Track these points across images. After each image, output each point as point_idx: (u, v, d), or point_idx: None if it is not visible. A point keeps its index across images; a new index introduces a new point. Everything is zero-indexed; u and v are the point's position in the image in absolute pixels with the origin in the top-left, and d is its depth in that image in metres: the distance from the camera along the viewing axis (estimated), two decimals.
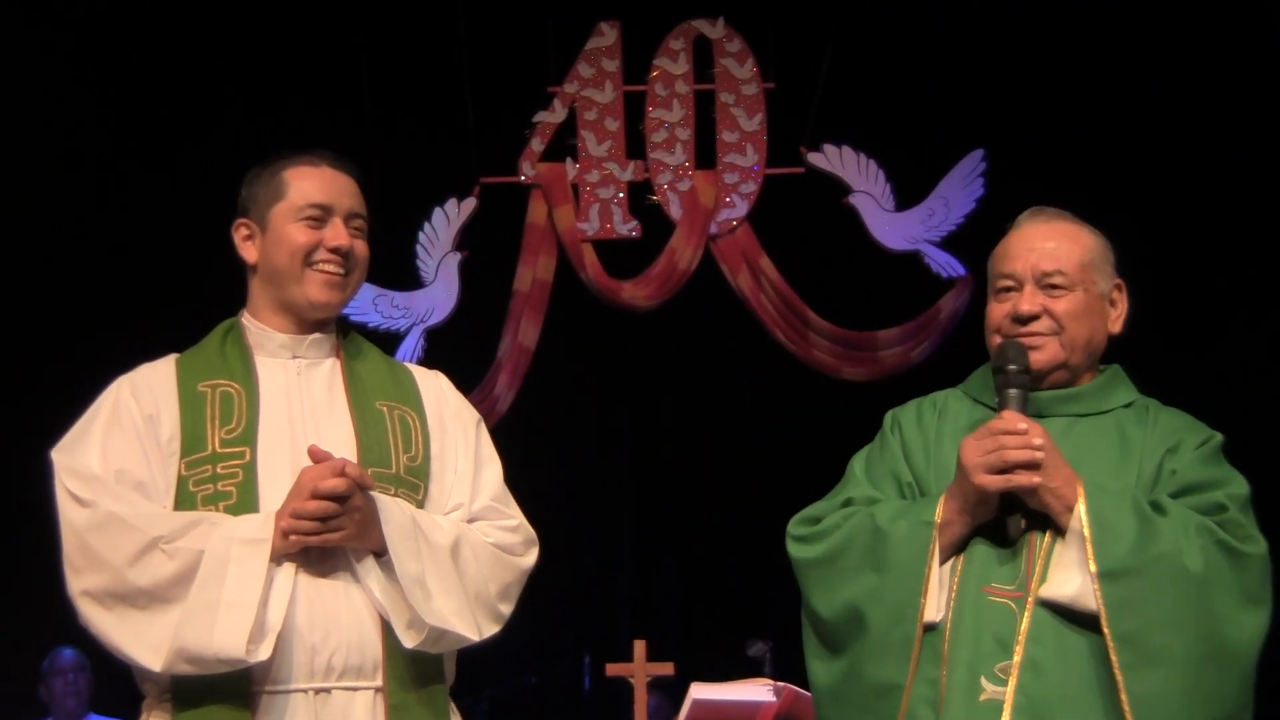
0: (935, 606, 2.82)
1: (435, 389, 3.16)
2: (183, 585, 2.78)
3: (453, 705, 3.04)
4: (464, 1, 7.88)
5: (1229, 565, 2.80)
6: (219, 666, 2.75)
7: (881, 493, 3.00)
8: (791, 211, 8.08)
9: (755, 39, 8.15)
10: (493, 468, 3.12)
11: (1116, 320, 3.09)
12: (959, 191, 8.05)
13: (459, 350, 7.78)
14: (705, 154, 8.15)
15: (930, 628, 2.82)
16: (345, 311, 3.26)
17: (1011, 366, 2.91)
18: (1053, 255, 3.00)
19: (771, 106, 8.13)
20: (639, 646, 5.87)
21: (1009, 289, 3.01)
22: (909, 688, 2.79)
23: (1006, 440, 2.80)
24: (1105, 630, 2.73)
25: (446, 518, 3.00)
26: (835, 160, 8.10)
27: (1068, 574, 2.79)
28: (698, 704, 4.77)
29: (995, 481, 2.81)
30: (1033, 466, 2.80)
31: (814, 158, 8.10)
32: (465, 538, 2.97)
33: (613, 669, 5.92)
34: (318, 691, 2.82)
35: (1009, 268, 3.01)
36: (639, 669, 5.85)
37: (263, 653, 2.75)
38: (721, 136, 8.14)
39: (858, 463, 3.11)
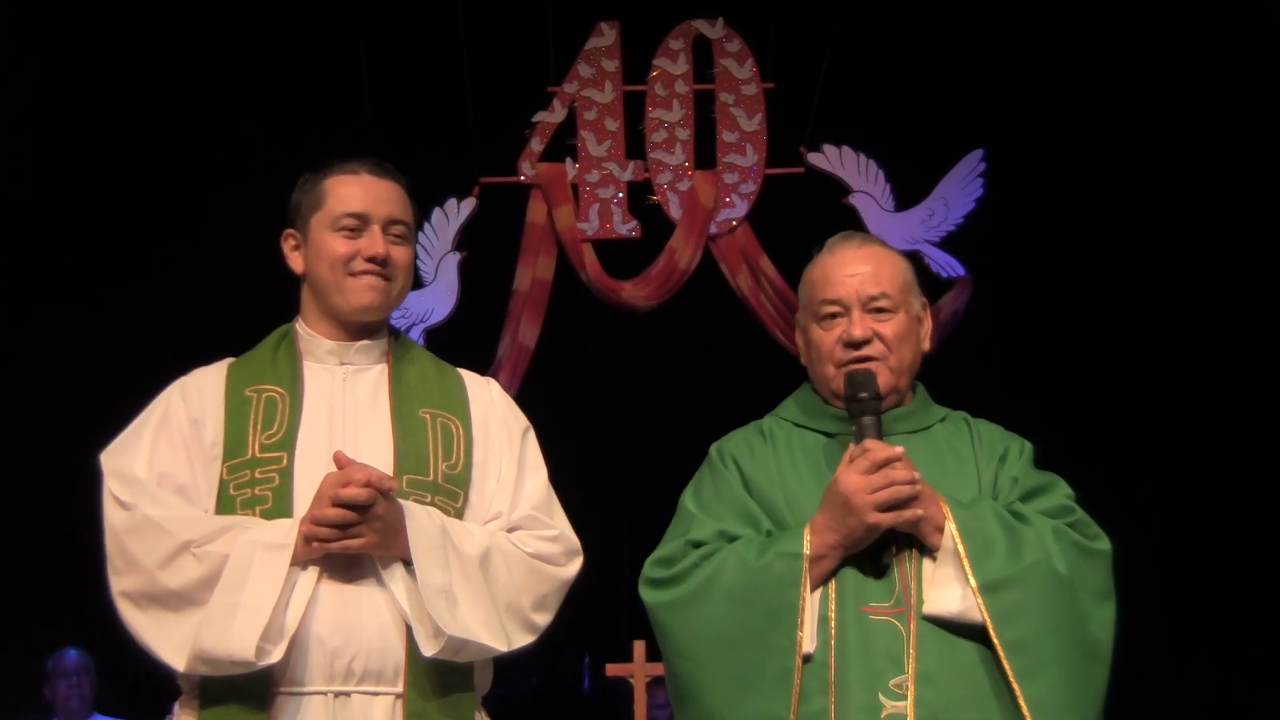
0: (810, 637, 2.84)
1: (485, 396, 3.16)
2: (209, 588, 2.81)
3: (483, 713, 3.03)
4: (464, 1, 7.89)
5: (1085, 565, 2.89)
6: (233, 668, 2.78)
7: (727, 525, 2.98)
8: (791, 211, 8.07)
9: (755, 39, 8.15)
10: (536, 477, 3.12)
11: (926, 338, 3.13)
12: (958, 192, 8.05)
13: (458, 350, 7.69)
14: (705, 154, 8.15)
15: (807, 659, 2.83)
16: None
17: (863, 394, 2.93)
18: (875, 278, 3.03)
19: (771, 106, 8.13)
20: (639, 647, 5.88)
21: (835, 315, 3.02)
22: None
23: (895, 476, 2.83)
24: (995, 640, 2.79)
25: (481, 527, 2.99)
26: (835, 160, 8.10)
27: (947, 590, 2.83)
28: None
29: (888, 519, 2.83)
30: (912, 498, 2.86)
31: (814, 158, 8.10)
32: (497, 547, 2.96)
33: (613, 669, 5.94)
34: (337, 695, 2.84)
35: (834, 293, 3.03)
36: (639, 669, 5.87)
37: (274, 656, 2.77)
38: (721, 136, 8.14)
39: (689, 500, 3.09)
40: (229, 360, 3.11)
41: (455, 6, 7.87)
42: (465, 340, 7.95)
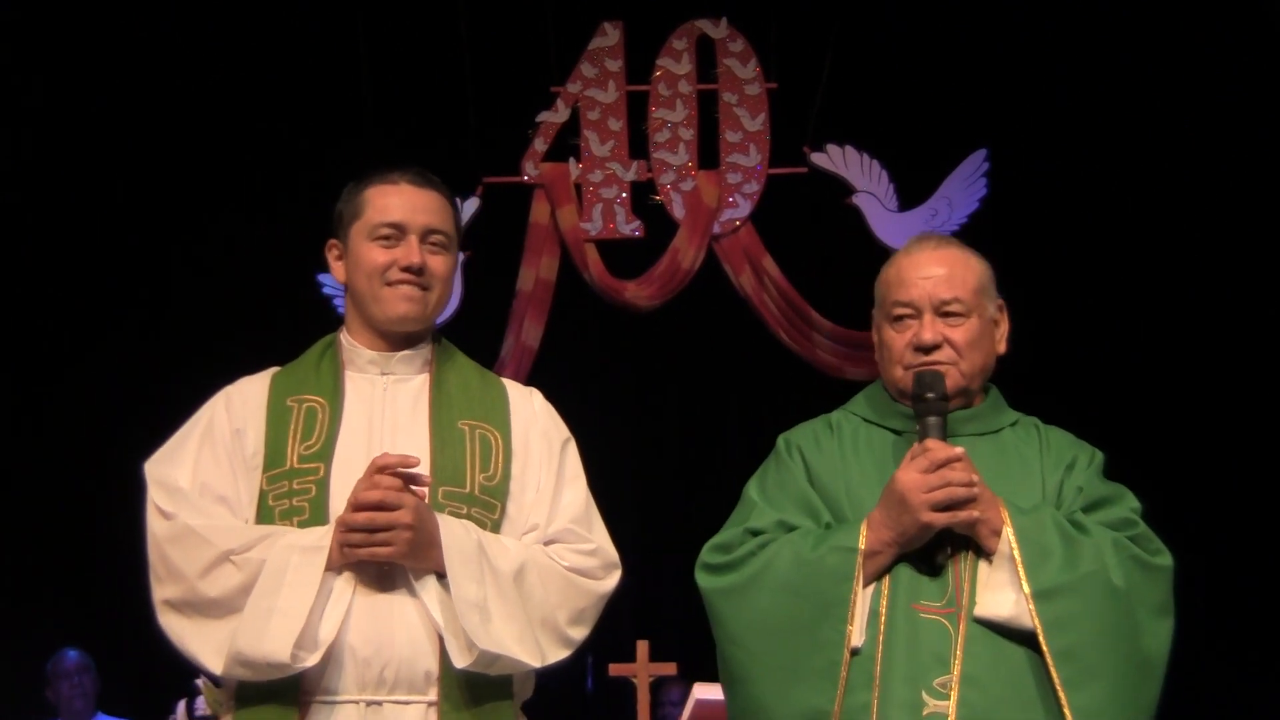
0: (859, 632, 2.85)
1: (526, 408, 3.15)
2: (248, 594, 2.83)
3: (523, 718, 3.04)
4: (466, 1, 7.89)
5: (1144, 579, 2.90)
6: (269, 672, 2.79)
7: (788, 516, 3.00)
8: (794, 211, 8.08)
9: (758, 39, 8.15)
10: (575, 489, 3.10)
11: (1001, 340, 3.12)
12: (962, 191, 8.06)
13: (462, 350, 7.78)
14: (708, 154, 8.15)
15: (854, 653, 2.84)
16: None
17: (930, 395, 2.93)
18: (948, 282, 3.02)
19: (774, 106, 8.14)
20: (642, 647, 5.87)
21: (907, 316, 3.02)
22: (837, 713, 2.81)
23: (952, 477, 2.83)
24: (1044, 647, 2.80)
25: (517, 541, 2.98)
26: (838, 160, 8.11)
27: (1000, 594, 2.84)
28: (701, 704, 4.77)
29: (943, 519, 2.84)
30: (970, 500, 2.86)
31: (817, 158, 8.11)
32: (533, 562, 2.95)
33: (616, 669, 5.92)
34: (369, 704, 2.84)
35: (906, 295, 3.02)
36: (642, 669, 5.85)
37: (310, 660, 2.78)
38: (724, 136, 8.15)
39: (753, 489, 3.10)
40: (274, 369, 3.11)
41: (457, 6, 7.87)
42: (468, 341, 7.86)
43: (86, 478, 7.25)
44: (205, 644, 2.84)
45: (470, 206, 8.11)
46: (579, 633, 3.02)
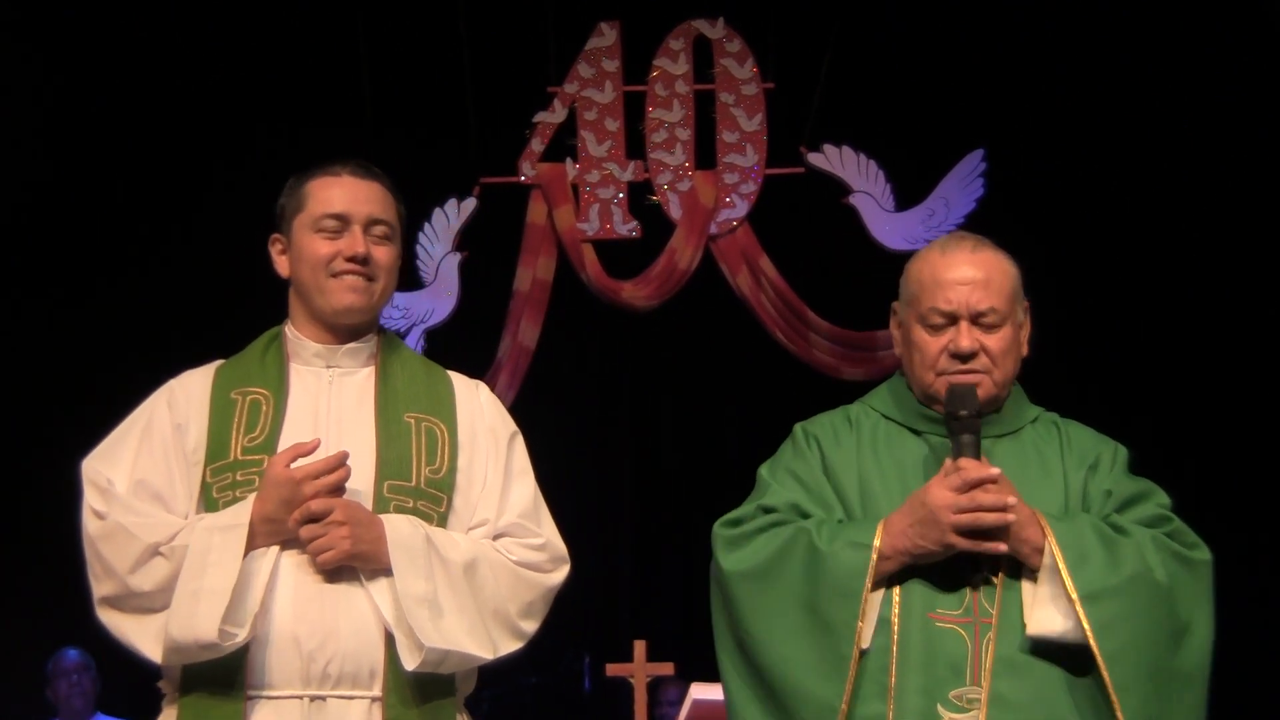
0: (868, 633, 2.80)
1: (473, 401, 3.13)
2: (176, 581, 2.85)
3: (465, 715, 3.03)
4: (464, 2, 7.89)
5: (1185, 575, 2.85)
6: (202, 653, 2.79)
7: (800, 500, 2.96)
8: (791, 211, 8.09)
9: (755, 39, 8.16)
10: (523, 484, 3.09)
11: (1025, 343, 3.05)
12: (959, 191, 8.06)
13: (458, 351, 7.78)
14: (705, 154, 8.16)
15: (864, 653, 2.80)
16: None
17: (964, 412, 2.86)
18: (985, 288, 2.95)
19: (771, 106, 8.14)
20: (639, 647, 5.87)
21: (941, 323, 2.96)
22: (844, 712, 2.76)
23: (984, 500, 2.77)
24: (1095, 651, 2.74)
25: (466, 535, 2.98)
26: (835, 160, 8.11)
27: (1051, 608, 2.78)
28: (698, 704, 4.77)
29: (966, 545, 2.78)
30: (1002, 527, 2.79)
31: (814, 158, 8.11)
32: (484, 556, 2.95)
33: (613, 669, 5.93)
34: (313, 699, 2.83)
35: (944, 302, 2.95)
36: (639, 669, 5.85)
37: (240, 635, 2.77)
38: (721, 136, 8.15)
39: (766, 472, 3.06)
40: (218, 362, 3.11)
41: (455, 7, 7.88)
42: (465, 341, 7.96)
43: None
44: (144, 635, 2.86)
45: (468, 207, 8.12)
46: (530, 625, 3.02)
